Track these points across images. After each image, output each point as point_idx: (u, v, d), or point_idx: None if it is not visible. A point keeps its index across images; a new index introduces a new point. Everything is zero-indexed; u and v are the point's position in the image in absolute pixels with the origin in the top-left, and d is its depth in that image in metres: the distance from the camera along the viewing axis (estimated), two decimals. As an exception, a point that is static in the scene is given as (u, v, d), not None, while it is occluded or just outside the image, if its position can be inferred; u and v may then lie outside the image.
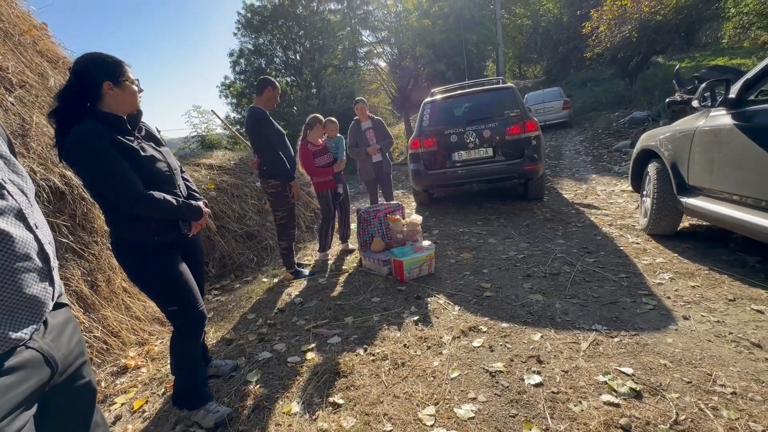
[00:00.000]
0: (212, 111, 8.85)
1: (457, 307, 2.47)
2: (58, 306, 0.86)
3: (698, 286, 2.36)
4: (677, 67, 7.38)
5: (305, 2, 23.95)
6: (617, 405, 1.48)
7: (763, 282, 2.30)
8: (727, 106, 2.43)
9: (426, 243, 3.13)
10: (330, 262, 3.79)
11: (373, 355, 2.03)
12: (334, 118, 3.89)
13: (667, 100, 6.73)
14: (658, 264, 2.75)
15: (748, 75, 2.34)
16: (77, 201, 2.39)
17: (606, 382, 1.61)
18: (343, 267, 3.53)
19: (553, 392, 1.60)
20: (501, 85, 4.84)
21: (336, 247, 4.16)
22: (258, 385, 1.89)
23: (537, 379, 1.69)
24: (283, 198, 3.12)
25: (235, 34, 24.14)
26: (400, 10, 19.99)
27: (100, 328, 2.18)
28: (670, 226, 3.15)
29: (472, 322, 2.24)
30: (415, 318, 2.37)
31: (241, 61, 25.19)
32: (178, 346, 1.64)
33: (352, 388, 1.78)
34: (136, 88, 1.48)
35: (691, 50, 17.54)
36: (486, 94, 4.76)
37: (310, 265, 3.71)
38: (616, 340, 1.92)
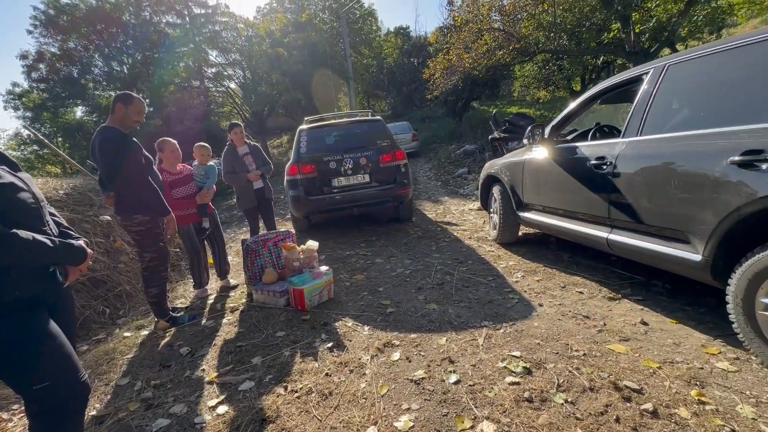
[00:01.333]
0: (24, 126, 6.80)
1: (366, 327, 2.54)
2: None
3: (541, 280, 3.07)
4: (494, 111, 9.45)
5: (134, 9, 20.97)
6: (518, 383, 1.81)
7: (577, 271, 3.15)
8: (543, 144, 3.30)
9: (324, 268, 3.12)
10: (210, 302, 3.36)
11: (296, 391, 1.91)
12: (205, 143, 3.54)
13: (490, 137, 8.54)
14: (511, 266, 3.44)
15: (554, 122, 3.26)
16: None
17: (505, 367, 1.94)
18: (230, 305, 3.18)
19: (470, 385, 1.83)
20: (371, 117, 5.29)
21: (214, 283, 3.71)
22: (161, 462, 1.55)
23: (454, 377, 1.91)
24: (154, 236, 2.62)
25: (30, 32, 19.14)
26: (251, 35, 19.56)
27: None
28: (513, 235, 3.99)
29: (384, 339, 2.35)
30: (329, 345, 2.34)
31: (41, 66, 20.05)
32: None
33: (284, 431, 1.64)
34: None
35: (495, 99, 22.63)
36: (359, 125, 5.13)
37: (186, 308, 3.20)
38: (501, 331, 2.32)
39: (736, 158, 1.70)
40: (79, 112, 22.05)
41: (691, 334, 2.10)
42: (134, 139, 2.53)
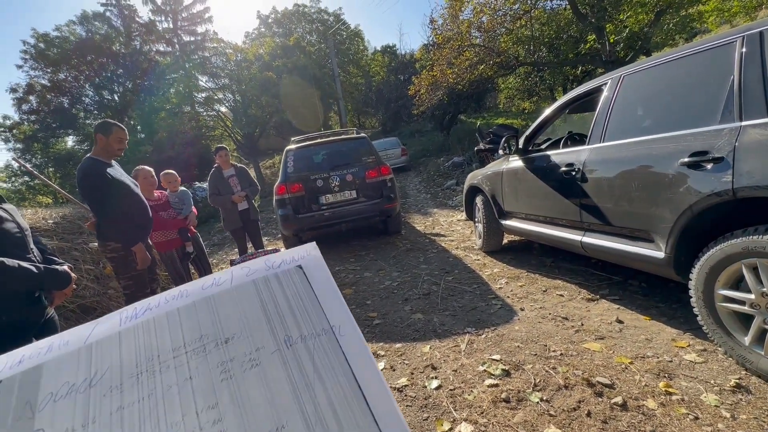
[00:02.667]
0: (14, 158, 6.90)
1: (352, 340, 2.59)
2: None
3: (524, 285, 3.14)
4: (478, 124, 9.67)
5: (124, 39, 21.39)
6: (497, 385, 1.86)
7: (558, 275, 3.23)
8: (518, 154, 3.43)
9: (311, 284, 3.18)
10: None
11: (282, 405, 1.95)
12: (171, 170, 3.64)
13: (476, 148, 8.72)
14: (495, 273, 3.51)
15: (527, 133, 3.39)
16: None
17: (485, 370, 2.00)
18: (220, 325, 3.21)
19: (450, 390, 1.89)
20: (356, 135, 5.43)
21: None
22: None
23: (436, 383, 1.96)
24: (127, 263, 2.64)
25: (20, 66, 19.39)
26: (240, 59, 19.97)
27: None
28: (497, 243, 4.08)
29: (370, 350, 2.39)
30: (316, 358, 2.38)
31: (31, 98, 20.25)
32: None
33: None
34: None
35: (482, 111, 23.09)
36: (344, 143, 5.26)
37: (176, 330, 3.23)
38: (483, 336, 2.38)
39: (686, 159, 1.81)
40: (70, 141, 22.21)
41: (663, 329, 2.18)
42: (113, 166, 2.58)
